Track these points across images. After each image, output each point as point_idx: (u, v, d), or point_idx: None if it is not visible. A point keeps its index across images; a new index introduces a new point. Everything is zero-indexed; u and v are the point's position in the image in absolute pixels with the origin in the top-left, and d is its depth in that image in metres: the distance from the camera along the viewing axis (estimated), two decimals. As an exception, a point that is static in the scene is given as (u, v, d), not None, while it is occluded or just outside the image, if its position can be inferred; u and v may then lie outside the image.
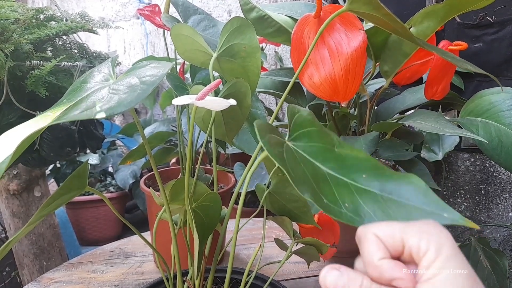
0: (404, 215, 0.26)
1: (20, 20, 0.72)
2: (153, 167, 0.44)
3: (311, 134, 0.35)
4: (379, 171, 0.29)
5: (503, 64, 1.10)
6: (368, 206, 0.27)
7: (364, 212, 0.27)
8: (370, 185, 0.29)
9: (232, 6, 2.09)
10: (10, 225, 1.10)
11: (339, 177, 0.30)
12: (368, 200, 0.28)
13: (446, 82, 0.64)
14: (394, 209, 0.26)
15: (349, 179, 0.30)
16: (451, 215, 0.25)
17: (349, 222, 0.27)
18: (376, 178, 0.29)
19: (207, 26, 0.65)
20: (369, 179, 0.29)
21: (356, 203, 0.28)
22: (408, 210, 0.26)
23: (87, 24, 0.86)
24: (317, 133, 0.35)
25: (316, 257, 0.51)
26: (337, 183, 0.30)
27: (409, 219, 0.25)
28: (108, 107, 0.30)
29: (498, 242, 1.24)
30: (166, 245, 0.62)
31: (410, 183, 0.27)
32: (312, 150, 0.34)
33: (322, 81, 0.47)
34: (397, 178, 0.28)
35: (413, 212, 0.26)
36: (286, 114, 0.37)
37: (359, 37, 0.46)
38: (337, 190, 0.29)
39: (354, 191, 0.29)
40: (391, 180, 0.28)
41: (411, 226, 0.24)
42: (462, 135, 0.54)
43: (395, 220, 0.25)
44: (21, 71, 0.71)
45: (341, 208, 0.28)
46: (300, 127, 0.36)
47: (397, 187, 0.28)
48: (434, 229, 0.23)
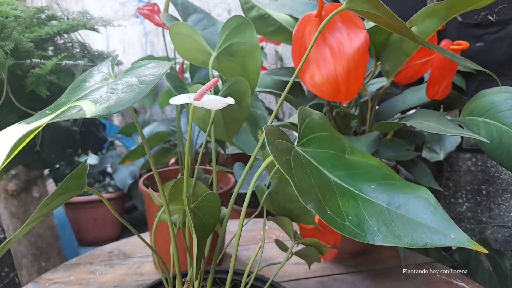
0: (409, 231, 0.25)
1: (20, 18, 0.72)
2: (152, 167, 0.44)
3: (322, 139, 0.34)
4: (389, 181, 0.29)
5: (505, 64, 1.09)
6: (372, 220, 0.26)
7: (368, 226, 0.26)
8: (377, 197, 0.28)
9: (232, 5, 2.09)
10: (9, 226, 1.10)
11: (346, 186, 0.30)
12: (373, 213, 0.27)
13: (448, 81, 0.64)
14: (399, 225, 0.25)
15: (356, 189, 0.29)
16: (458, 237, 0.24)
17: (351, 236, 0.26)
18: (385, 189, 0.28)
19: (206, 25, 0.64)
20: (377, 190, 0.28)
21: (360, 216, 0.27)
22: (413, 227, 0.25)
23: (89, 23, 0.85)
24: (328, 138, 0.34)
25: (317, 258, 0.50)
26: (343, 193, 0.29)
27: (414, 237, 0.24)
28: (106, 106, 0.29)
29: (500, 243, 1.24)
30: (166, 246, 0.62)
31: (419, 198, 0.27)
32: (321, 157, 0.33)
33: (324, 81, 0.46)
34: (407, 191, 0.27)
35: (418, 229, 0.25)
36: (297, 117, 0.36)
37: (361, 36, 0.45)
38: (342, 201, 0.28)
39: (360, 202, 0.28)
40: (400, 193, 0.27)
41: None
42: (464, 135, 0.53)
43: (400, 237, 0.25)
44: (22, 70, 0.70)
45: (344, 221, 0.27)
46: (311, 131, 0.35)
47: (406, 200, 0.27)
48: None
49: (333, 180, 0.30)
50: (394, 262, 0.77)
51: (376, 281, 0.70)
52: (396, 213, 0.26)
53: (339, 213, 0.27)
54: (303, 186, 0.29)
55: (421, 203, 0.26)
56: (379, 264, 0.77)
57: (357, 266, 0.76)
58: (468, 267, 0.99)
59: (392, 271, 0.74)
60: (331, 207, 0.28)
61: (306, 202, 0.27)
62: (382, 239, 0.25)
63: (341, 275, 0.72)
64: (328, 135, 0.35)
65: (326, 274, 0.73)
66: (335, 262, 0.77)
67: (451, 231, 0.24)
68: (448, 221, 0.25)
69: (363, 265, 0.76)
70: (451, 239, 0.24)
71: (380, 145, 0.69)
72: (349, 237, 0.26)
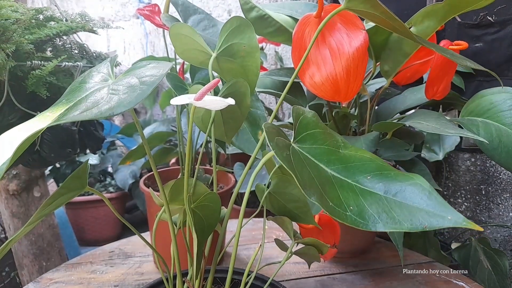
0: (407, 217, 0.26)
1: (20, 20, 0.72)
2: (153, 167, 0.44)
3: (315, 135, 0.36)
4: (383, 172, 0.30)
5: (504, 64, 1.10)
6: (372, 209, 0.27)
7: (369, 214, 0.27)
8: (374, 187, 0.29)
9: (232, 6, 2.09)
10: (10, 226, 1.10)
11: (343, 179, 0.31)
12: (372, 202, 0.28)
13: (447, 82, 0.64)
14: (398, 211, 0.26)
15: (353, 181, 0.30)
16: (455, 218, 0.25)
17: (354, 225, 0.27)
18: (380, 179, 0.29)
19: (207, 26, 0.65)
20: (373, 180, 0.29)
21: (360, 206, 0.28)
22: (411, 212, 0.26)
23: (87, 24, 0.85)
24: (321, 134, 0.36)
25: (316, 258, 0.50)
26: (342, 185, 0.30)
27: (413, 221, 0.25)
28: (107, 108, 0.29)
29: (499, 242, 1.24)
30: (166, 245, 0.62)
31: (414, 184, 0.28)
32: (316, 152, 0.34)
33: (324, 81, 0.47)
34: (401, 179, 0.28)
35: (416, 214, 0.26)
36: (291, 115, 0.37)
37: (361, 37, 0.45)
38: (341, 192, 0.29)
39: (358, 193, 0.29)
40: (396, 181, 0.28)
41: None
42: (463, 135, 0.54)
43: (400, 222, 0.26)
44: (22, 71, 0.71)
45: (346, 211, 0.28)
46: (305, 129, 0.36)
47: (402, 188, 0.28)
48: None
49: (331, 174, 0.31)
50: (394, 261, 0.78)
51: (376, 280, 0.71)
52: (394, 200, 0.27)
53: (340, 204, 0.28)
54: (305, 180, 0.29)
55: (416, 189, 0.27)
56: (379, 263, 0.77)
57: (357, 266, 0.76)
58: (468, 267, 0.99)
59: (391, 270, 0.74)
60: (332, 199, 0.29)
61: (309, 195, 0.28)
62: (383, 225, 0.26)
63: (341, 275, 0.73)
64: (321, 131, 0.36)
65: (326, 274, 0.73)
66: (335, 262, 0.77)
67: (447, 213, 0.25)
68: (443, 204, 0.26)
69: (362, 264, 0.76)
70: (448, 220, 0.25)
71: (380, 145, 0.69)
72: (352, 226, 0.27)
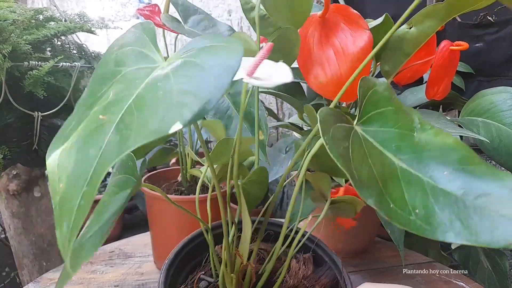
0: (488, 228, 0.21)
1: (18, 21, 0.72)
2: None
3: (386, 115, 0.29)
4: (467, 166, 0.24)
5: (504, 64, 1.09)
6: (444, 214, 0.22)
7: (438, 221, 0.22)
8: (451, 186, 0.23)
9: (232, 6, 2.09)
10: (10, 226, 1.10)
11: (413, 172, 0.25)
12: (445, 206, 0.22)
13: (447, 82, 0.64)
14: (476, 220, 0.21)
15: (425, 176, 0.24)
16: None
17: (418, 233, 0.22)
18: (461, 176, 0.23)
19: (207, 26, 0.65)
20: (451, 177, 0.23)
21: (429, 209, 0.23)
22: (494, 222, 0.21)
23: (86, 25, 0.85)
24: (393, 114, 0.29)
25: (351, 213, 0.48)
26: (409, 181, 0.25)
27: (494, 235, 0.20)
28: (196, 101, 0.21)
29: (499, 242, 1.24)
30: (166, 245, 0.62)
31: (504, 187, 0.22)
32: (384, 137, 0.28)
33: (328, 81, 0.47)
34: (488, 178, 0.22)
35: (500, 226, 0.20)
36: (358, 90, 0.30)
37: (365, 37, 0.45)
38: (407, 190, 0.24)
39: (429, 192, 0.23)
40: (480, 181, 0.23)
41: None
42: (463, 134, 0.54)
43: (477, 234, 0.20)
44: (20, 71, 0.71)
45: (410, 214, 0.23)
46: (375, 107, 0.30)
47: (487, 190, 0.22)
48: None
49: (398, 165, 0.26)
50: (394, 261, 0.78)
51: (376, 280, 0.71)
52: (474, 205, 0.22)
53: (403, 206, 0.24)
54: (362, 178, 0.25)
55: (506, 193, 0.21)
56: (379, 263, 0.77)
57: (357, 266, 0.76)
58: (468, 267, 0.99)
59: (391, 270, 0.74)
60: (394, 200, 0.24)
61: (366, 198, 0.24)
62: (454, 236, 0.21)
63: (341, 275, 0.73)
64: (393, 109, 0.29)
65: (326, 274, 0.73)
66: (335, 262, 0.77)
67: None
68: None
69: (363, 264, 0.76)
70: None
71: (380, 145, 0.69)
72: (415, 233, 0.22)
